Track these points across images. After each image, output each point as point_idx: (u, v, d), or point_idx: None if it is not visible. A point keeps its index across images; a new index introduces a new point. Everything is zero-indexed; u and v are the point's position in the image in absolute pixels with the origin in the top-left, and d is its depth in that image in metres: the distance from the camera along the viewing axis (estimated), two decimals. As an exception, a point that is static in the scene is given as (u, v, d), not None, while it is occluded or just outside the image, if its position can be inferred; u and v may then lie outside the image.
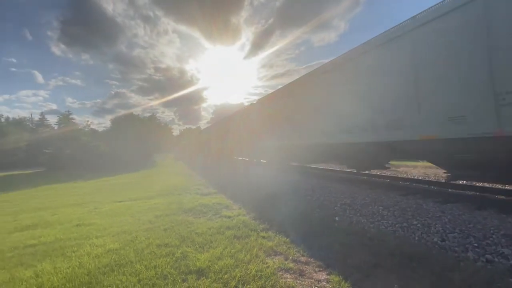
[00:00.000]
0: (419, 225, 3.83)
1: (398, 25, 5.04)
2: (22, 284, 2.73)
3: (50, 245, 3.98)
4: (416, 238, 3.51)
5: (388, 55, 5.25)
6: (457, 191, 5.76)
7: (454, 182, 6.91)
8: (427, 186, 6.63)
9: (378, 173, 8.96)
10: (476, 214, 4.02)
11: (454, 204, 4.65)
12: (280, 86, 11.59)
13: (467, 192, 5.51)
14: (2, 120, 48.01)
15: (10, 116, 63.76)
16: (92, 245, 3.79)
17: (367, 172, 9.64)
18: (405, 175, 8.65)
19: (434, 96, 4.41)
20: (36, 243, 4.13)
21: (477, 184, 6.42)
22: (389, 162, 8.02)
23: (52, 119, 70.06)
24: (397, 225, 3.96)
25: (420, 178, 7.78)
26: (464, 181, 7.03)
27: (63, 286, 2.63)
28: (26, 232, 4.94)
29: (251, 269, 2.80)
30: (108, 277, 2.78)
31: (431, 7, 4.40)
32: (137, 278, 2.73)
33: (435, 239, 3.36)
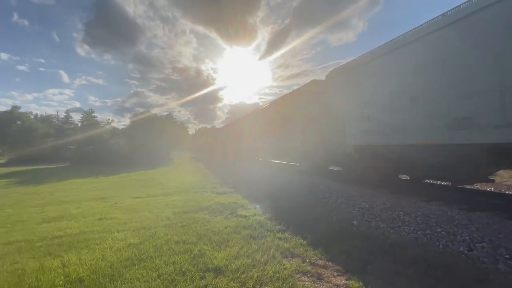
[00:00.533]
0: (443, 233, 3.66)
1: None
2: (50, 273, 2.88)
3: (75, 237, 4.17)
4: (441, 246, 3.35)
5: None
6: (484, 199, 5.45)
7: (481, 189, 6.55)
8: (452, 192, 6.33)
9: (398, 177, 8.65)
10: (507, 223, 3.77)
11: (482, 213, 4.40)
12: (295, 86, 10.19)
13: (497, 201, 5.20)
14: (32, 117, 50.91)
15: (38, 113, 67.72)
16: (114, 239, 3.93)
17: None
18: (427, 180, 8.31)
19: None
20: (62, 234, 4.34)
21: (507, 192, 6.05)
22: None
23: (76, 117, 73.62)
24: (419, 232, 3.81)
25: (444, 183, 7.45)
26: (493, 189, 6.64)
27: (88, 277, 2.75)
28: (53, 223, 5.21)
29: (268, 270, 2.79)
30: (130, 271, 2.88)
31: None
32: (157, 273, 2.80)
33: (462, 249, 3.19)
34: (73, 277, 2.76)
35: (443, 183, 6.48)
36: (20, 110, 50.48)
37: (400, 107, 5.67)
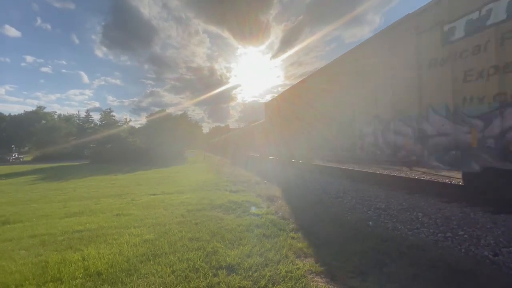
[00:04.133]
0: (466, 236, 3.49)
1: None
2: (71, 266, 3.00)
3: (94, 231, 4.33)
4: (463, 250, 3.20)
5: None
6: None
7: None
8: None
9: (416, 177, 8.36)
10: (537, 228, 3.54)
11: (509, 215, 4.16)
12: None
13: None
14: (55, 117, 53.50)
15: (61, 113, 71.01)
16: (131, 234, 4.05)
17: (403, 175, 9.05)
18: (447, 180, 7.97)
19: None
20: (83, 229, 4.52)
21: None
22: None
23: (95, 116, 76.44)
24: (439, 235, 3.65)
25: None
26: None
27: (106, 271, 2.84)
28: (74, 218, 5.44)
29: (280, 269, 2.77)
30: (145, 266, 2.95)
31: None
32: (171, 269, 2.86)
33: (486, 253, 3.03)
34: (92, 270, 2.86)
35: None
36: (45, 110, 53.03)
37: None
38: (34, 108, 53.48)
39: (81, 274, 2.79)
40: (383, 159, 6.39)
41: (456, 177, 7.55)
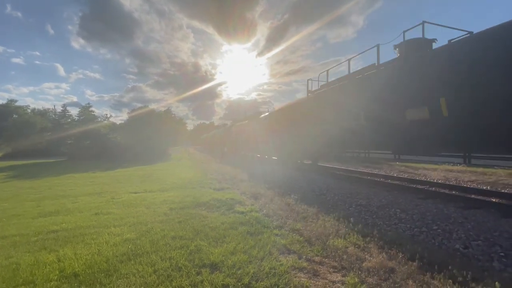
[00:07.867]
0: (439, 230, 3.68)
1: None
2: (45, 267, 2.86)
3: (71, 231, 4.15)
4: (437, 244, 3.37)
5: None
6: (481, 197, 5.49)
7: (477, 187, 6.58)
8: (447, 190, 6.36)
9: (395, 175, 8.70)
10: (503, 222, 3.80)
11: (478, 210, 4.44)
12: (294, 83, 12.15)
13: (492, 199, 5.23)
14: (29, 111, 50.50)
15: (36, 107, 67.01)
16: (110, 234, 3.91)
17: (383, 173, 9.40)
18: (423, 178, 8.36)
19: None
20: (58, 229, 4.31)
21: (503, 191, 6.08)
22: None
23: (73, 111, 72.90)
24: (415, 229, 3.83)
25: (440, 181, 7.48)
26: (489, 187, 6.69)
27: (83, 272, 2.73)
28: (49, 218, 5.18)
29: (264, 266, 2.79)
30: (126, 266, 2.86)
31: None
32: (153, 268, 2.79)
33: (457, 246, 3.22)
34: (68, 272, 2.74)
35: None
36: (17, 104, 49.89)
37: None
38: (4, 102, 50.07)
39: (56, 276, 2.67)
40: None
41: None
